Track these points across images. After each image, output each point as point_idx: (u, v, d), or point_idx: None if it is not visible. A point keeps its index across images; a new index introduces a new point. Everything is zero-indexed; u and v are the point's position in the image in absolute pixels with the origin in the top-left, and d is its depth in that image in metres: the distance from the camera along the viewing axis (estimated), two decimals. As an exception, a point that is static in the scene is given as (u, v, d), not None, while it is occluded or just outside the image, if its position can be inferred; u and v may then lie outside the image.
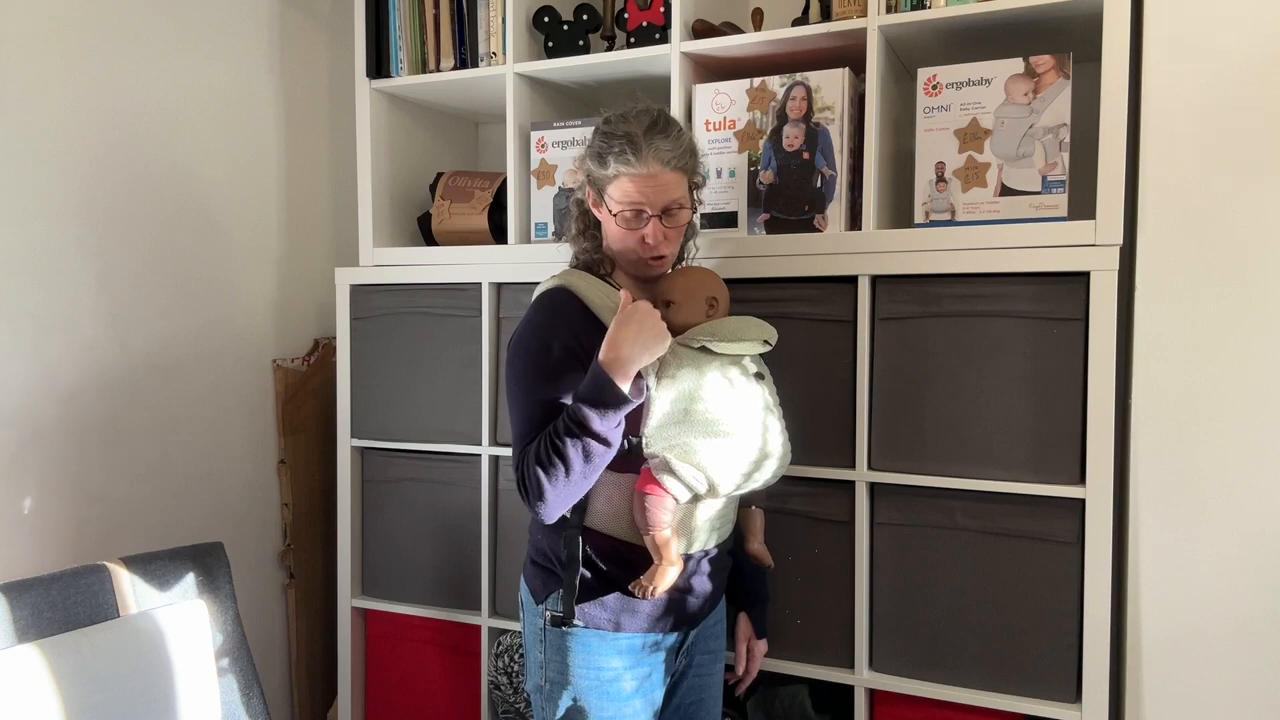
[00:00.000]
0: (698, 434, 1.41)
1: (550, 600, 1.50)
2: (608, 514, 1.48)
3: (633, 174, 1.44)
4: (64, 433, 1.89)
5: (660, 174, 1.44)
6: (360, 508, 2.26)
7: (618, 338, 1.35)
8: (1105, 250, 1.60)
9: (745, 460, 1.45)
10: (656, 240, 1.47)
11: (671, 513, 1.43)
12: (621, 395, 1.34)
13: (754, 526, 1.64)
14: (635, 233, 1.47)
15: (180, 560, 1.74)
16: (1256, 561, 1.56)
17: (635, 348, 1.35)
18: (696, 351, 1.45)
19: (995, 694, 1.71)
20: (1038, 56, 1.69)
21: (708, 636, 1.63)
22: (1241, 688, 1.58)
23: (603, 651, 1.48)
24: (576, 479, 1.37)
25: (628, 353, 1.35)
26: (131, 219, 2.01)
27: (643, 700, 1.51)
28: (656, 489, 1.41)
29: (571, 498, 1.40)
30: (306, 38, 2.44)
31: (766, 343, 1.51)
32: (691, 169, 1.51)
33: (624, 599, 1.47)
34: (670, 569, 1.44)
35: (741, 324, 1.50)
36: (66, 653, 1.50)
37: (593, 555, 1.49)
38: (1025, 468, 1.67)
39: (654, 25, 2.00)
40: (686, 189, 1.50)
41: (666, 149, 1.44)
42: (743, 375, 1.48)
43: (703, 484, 1.41)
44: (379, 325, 2.20)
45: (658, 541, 1.43)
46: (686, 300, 1.51)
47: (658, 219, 1.46)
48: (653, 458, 1.42)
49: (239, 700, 1.77)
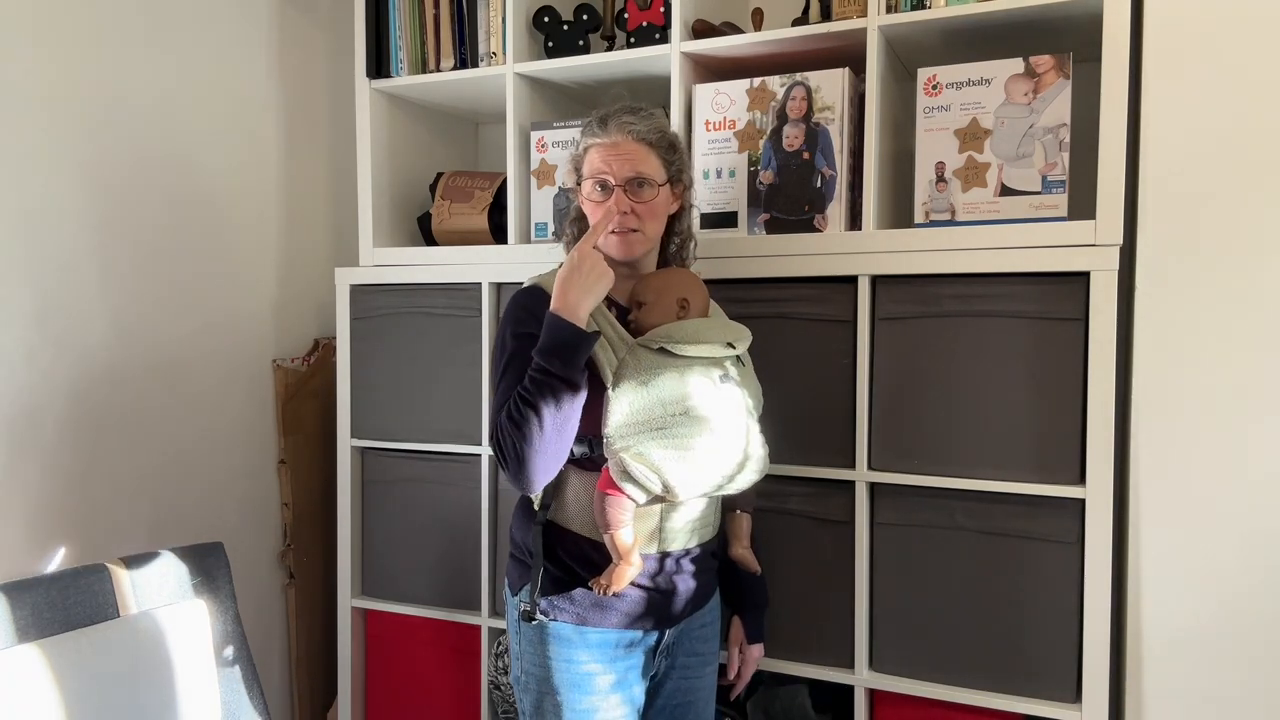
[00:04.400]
0: (654, 436, 1.40)
1: (524, 593, 1.51)
2: (575, 511, 1.49)
3: (597, 143, 1.51)
4: (64, 433, 1.89)
5: (623, 143, 1.49)
6: (360, 508, 2.26)
7: (563, 286, 1.41)
8: (1105, 250, 1.60)
9: (706, 464, 1.42)
10: (620, 209, 1.48)
11: (630, 513, 1.42)
12: (576, 329, 1.38)
13: (738, 531, 1.63)
14: (602, 206, 1.49)
15: (180, 560, 1.74)
16: (1256, 561, 1.56)
17: (579, 290, 1.40)
18: (656, 353, 1.43)
19: (995, 694, 1.71)
20: (1038, 56, 1.69)
21: (694, 639, 1.61)
22: (1241, 687, 1.57)
23: (574, 645, 1.49)
24: (550, 431, 1.37)
25: (575, 297, 1.40)
26: (131, 219, 2.01)
27: (620, 696, 1.50)
28: (614, 489, 1.41)
29: (549, 456, 1.39)
30: (306, 38, 2.44)
31: (731, 345, 1.49)
32: (663, 146, 1.53)
33: (592, 595, 1.48)
34: (628, 569, 1.43)
35: (704, 326, 1.48)
36: (66, 653, 1.50)
37: (559, 551, 1.49)
38: (1025, 468, 1.67)
39: (654, 25, 2.00)
40: (659, 168, 1.51)
41: (631, 121, 1.50)
42: (707, 378, 1.45)
43: (657, 485, 1.39)
44: (379, 325, 2.20)
45: (615, 541, 1.42)
46: (657, 301, 1.50)
47: (622, 190, 1.48)
48: (611, 458, 1.41)
49: (239, 700, 1.77)
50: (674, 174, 1.54)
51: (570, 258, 1.43)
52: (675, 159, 1.55)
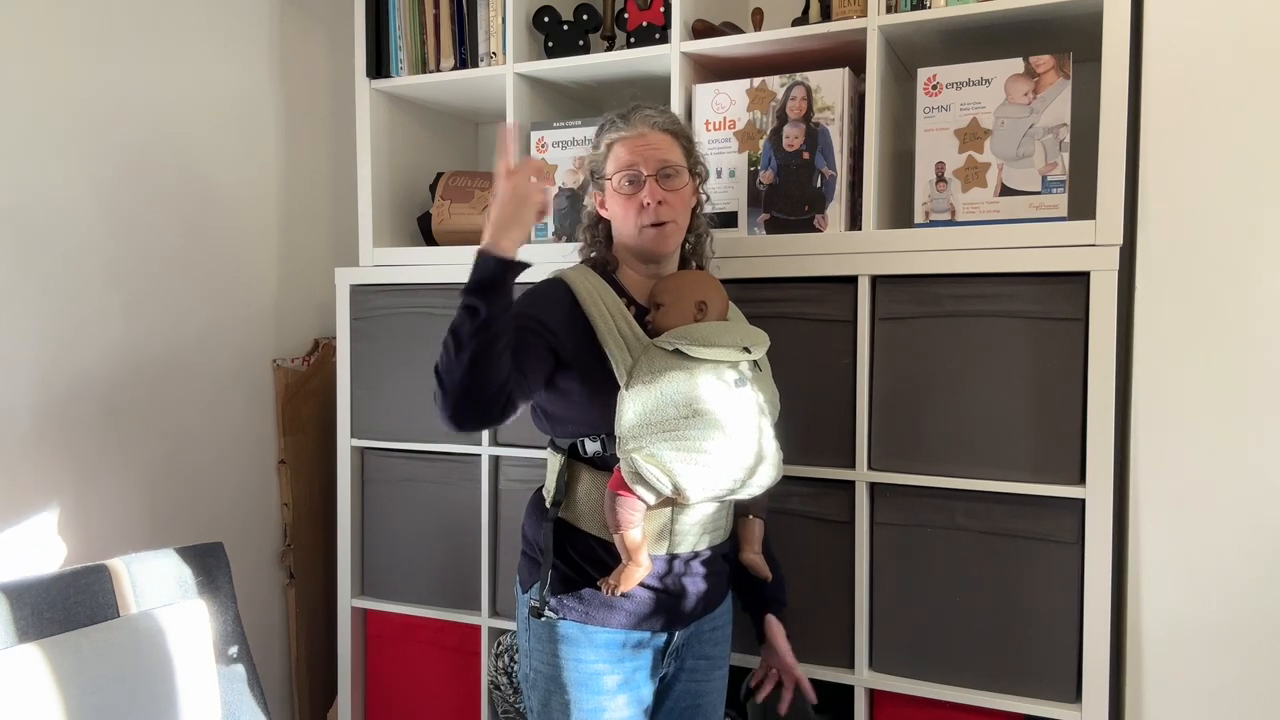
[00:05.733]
0: (666, 437, 1.39)
1: (534, 590, 1.51)
2: (585, 509, 1.49)
3: (623, 137, 1.51)
4: (64, 433, 1.89)
5: (649, 134, 1.51)
6: (360, 508, 2.26)
7: (490, 222, 1.39)
8: (1105, 250, 1.60)
9: (718, 467, 1.41)
10: (654, 200, 1.48)
11: (640, 513, 1.42)
12: (498, 260, 1.36)
13: (749, 535, 1.61)
14: (635, 199, 1.49)
15: (180, 560, 1.74)
16: (1256, 561, 1.56)
17: (504, 221, 1.38)
18: (670, 355, 1.43)
19: (995, 694, 1.71)
20: (1038, 56, 1.69)
21: (704, 641, 1.60)
22: (1241, 687, 1.57)
23: (582, 644, 1.49)
24: (464, 360, 1.33)
25: (499, 229, 1.37)
26: (131, 219, 2.01)
27: (627, 697, 1.50)
28: (625, 490, 1.40)
29: (466, 394, 1.35)
30: (306, 38, 2.44)
31: (746, 350, 1.48)
32: (684, 137, 1.55)
33: (600, 595, 1.47)
34: (636, 570, 1.43)
35: (719, 329, 1.47)
36: (66, 653, 1.50)
37: (569, 549, 1.50)
38: (1025, 468, 1.67)
39: (654, 25, 2.00)
40: (681, 156, 1.53)
41: (652, 114, 1.53)
42: (721, 381, 1.44)
43: (668, 487, 1.39)
44: (379, 325, 2.20)
45: (625, 541, 1.42)
46: (675, 303, 1.49)
47: (654, 180, 1.48)
48: (622, 458, 1.41)
49: (239, 700, 1.77)
50: (692, 165, 1.56)
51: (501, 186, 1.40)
52: (693, 150, 1.57)
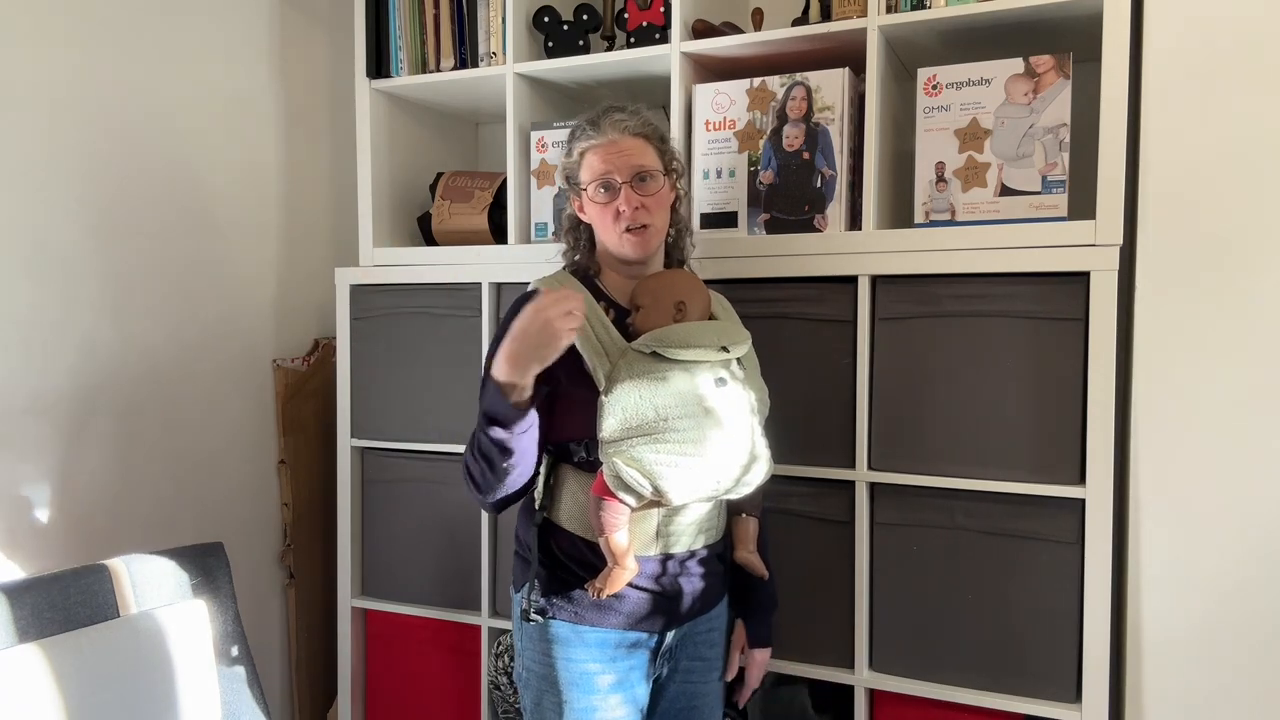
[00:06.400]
0: (647, 441, 1.38)
1: (525, 590, 1.51)
2: (571, 512, 1.49)
3: (594, 144, 1.50)
4: (64, 432, 1.89)
5: (620, 139, 1.49)
6: (360, 508, 2.26)
7: (507, 350, 1.34)
8: (1105, 250, 1.60)
9: (701, 468, 1.40)
10: (631, 206, 1.47)
11: (623, 517, 1.41)
12: (508, 410, 1.35)
13: (743, 534, 1.60)
14: (611, 206, 1.48)
15: (180, 560, 1.74)
16: (1256, 561, 1.56)
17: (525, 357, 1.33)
18: (648, 357, 1.41)
19: (995, 694, 1.71)
20: (1038, 56, 1.69)
21: (698, 643, 1.59)
22: (1241, 687, 1.57)
23: (573, 644, 1.49)
24: (500, 475, 1.41)
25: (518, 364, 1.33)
26: (131, 219, 2.01)
27: (620, 697, 1.50)
28: (608, 494, 1.40)
29: (505, 488, 1.43)
30: (306, 38, 2.44)
31: (725, 349, 1.46)
32: (656, 138, 1.54)
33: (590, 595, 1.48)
34: (622, 573, 1.42)
35: (696, 330, 1.44)
36: (66, 653, 1.50)
37: (556, 550, 1.50)
38: (1025, 468, 1.67)
39: (654, 25, 2.00)
40: (656, 159, 1.52)
41: (622, 118, 1.51)
42: (701, 381, 1.42)
43: (649, 490, 1.38)
44: (379, 325, 2.20)
45: (610, 545, 1.41)
46: (654, 305, 1.47)
47: (629, 186, 1.48)
48: (604, 463, 1.40)
49: (239, 700, 1.77)
50: (668, 164, 1.55)
51: (522, 315, 1.33)
52: (667, 149, 1.56)
